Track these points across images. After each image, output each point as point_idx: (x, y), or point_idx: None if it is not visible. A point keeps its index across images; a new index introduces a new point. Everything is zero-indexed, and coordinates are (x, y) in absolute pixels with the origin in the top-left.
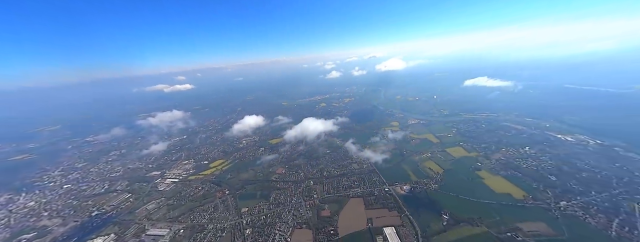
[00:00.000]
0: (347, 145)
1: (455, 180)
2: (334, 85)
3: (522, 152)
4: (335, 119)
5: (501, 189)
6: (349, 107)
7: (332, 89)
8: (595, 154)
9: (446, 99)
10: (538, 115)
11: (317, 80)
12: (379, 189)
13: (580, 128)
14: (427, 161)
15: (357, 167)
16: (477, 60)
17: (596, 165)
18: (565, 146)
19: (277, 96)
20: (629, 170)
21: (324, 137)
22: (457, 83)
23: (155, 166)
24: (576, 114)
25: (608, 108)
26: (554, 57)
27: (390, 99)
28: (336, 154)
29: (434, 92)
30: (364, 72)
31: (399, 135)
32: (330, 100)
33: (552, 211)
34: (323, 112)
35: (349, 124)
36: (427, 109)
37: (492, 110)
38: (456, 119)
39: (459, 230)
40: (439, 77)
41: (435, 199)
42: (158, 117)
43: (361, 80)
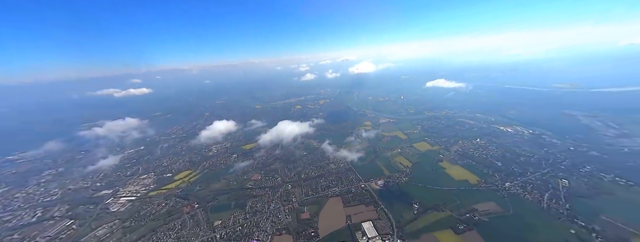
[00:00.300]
0: (323, 146)
1: (422, 172)
2: (309, 88)
3: (475, 143)
4: (311, 121)
5: (459, 177)
6: (324, 108)
7: (307, 91)
8: (529, 141)
9: (412, 99)
10: (485, 111)
11: (292, 82)
12: (356, 186)
13: (517, 121)
14: (397, 156)
15: (334, 167)
16: (436, 64)
17: (530, 150)
18: (506, 136)
19: (250, 99)
20: (553, 153)
21: (300, 139)
22: (420, 84)
23: (105, 184)
24: (514, 109)
25: (536, 103)
26: (495, 62)
27: (363, 100)
28: (313, 156)
29: (401, 92)
30: (338, 74)
31: (371, 134)
32: (305, 102)
33: (500, 191)
34: (299, 114)
35: (325, 126)
36: (395, 109)
37: (449, 108)
38: (420, 116)
39: (427, 217)
40: (405, 79)
41: (406, 190)
42: (106, 126)
43: (335, 83)
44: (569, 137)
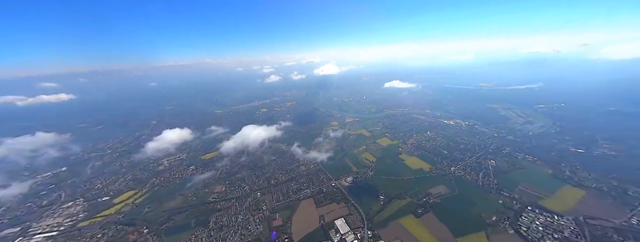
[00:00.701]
0: (293, 149)
1: (385, 165)
2: (274, 89)
3: (426, 135)
4: (278, 124)
5: (416, 166)
6: (292, 110)
7: (273, 93)
8: (466, 131)
9: (373, 99)
10: (432, 108)
11: (256, 84)
12: (327, 185)
13: (457, 114)
14: (363, 152)
15: (305, 169)
16: (392, 67)
17: (467, 139)
18: (449, 128)
19: (208, 103)
20: (483, 140)
21: (268, 144)
22: (379, 85)
23: (9, 221)
24: (453, 105)
25: (468, 99)
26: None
27: (329, 100)
28: (283, 160)
29: (363, 93)
30: (303, 76)
31: (339, 133)
32: (271, 105)
33: (447, 175)
34: (265, 117)
35: (293, 128)
36: (359, 108)
37: (404, 106)
38: (381, 115)
39: (392, 205)
40: (366, 80)
41: (373, 184)
42: (6, 145)
43: (301, 84)
44: (493, 125)
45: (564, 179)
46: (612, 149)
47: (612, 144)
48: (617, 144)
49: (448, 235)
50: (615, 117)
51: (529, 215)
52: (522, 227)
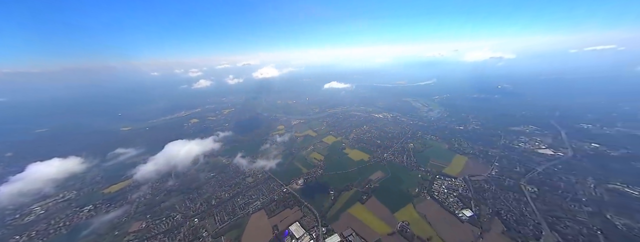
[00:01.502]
0: (236, 161)
1: (332, 161)
2: (206, 96)
3: (363, 129)
4: (215, 135)
5: (357, 158)
6: (231, 118)
7: (205, 101)
8: (392, 122)
9: (316, 100)
10: (365, 104)
11: (180, 91)
12: (278, 192)
13: (384, 109)
14: (312, 153)
15: (252, 180)
16: (330, 68)
17: (394, 128)
18: (380, 120)
19: (110, 119)
20: (404, 127)
21: (203, 160)
22: (320, 86)
23: None
24: (380, 100)
25: (390, 95)
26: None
27: (272, 104)
28: (224, 175)
29: (306, 94)
30: (241, 80)
31: (286, 137)
32: (204, 114)
33: (382, 161)
34: (196, 129)
35: (234, 137)
36: (304, 110)
37: (343, 104)
38: (324, 114)
39: (341, 198)
40: (308, 82)
41: (323, 181)
42: None
43: (239, 89)
44: (409, 115)
45: (455, 150)
46: (477, 124)
47: (477, 121)
48: (479, 121)
49: (387, 213)
50: (476, 102)
51: (437, 182)
52: (435, 193)
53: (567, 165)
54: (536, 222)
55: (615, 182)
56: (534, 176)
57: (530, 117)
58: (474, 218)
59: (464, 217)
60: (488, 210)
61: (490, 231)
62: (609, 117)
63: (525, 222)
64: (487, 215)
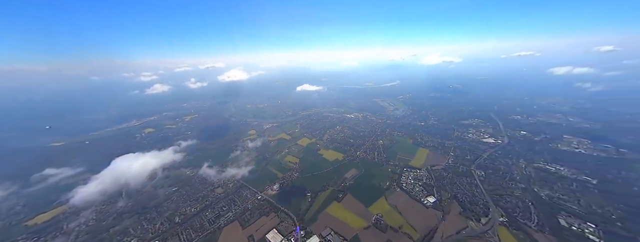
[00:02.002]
0: (202, 171)
1: (308, 163)
2: (164, 102)
3: (336, 129)
4: (175, 145)
5: (332, 158)
6: (195, 125)
7: (162, 107)
8: (363, 121)
9: (288, 102)
10: (337, 105)
11: (130, 97)
12: (252, 200)
13: (355, 109)
14: (286, 156)
15: (222, 191)
16: (301, 71)
17: (365, 127)
18: (352, 120)
19: (34, 134)
20: (374, 126)
21: (162, 174)
22: (292, 89)
23: None
24: (351, 101)
25: (360, 95)
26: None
27: (242, 108)
28: (189, 188)
29: (278, 98)
30: (205, 83)
31: (258, 142)
32: (161, 122)
33: (356, 159)
34: (152, 140)
35: (199, 146)
36: (276, 113)
37: (316, 106)
38: (298, 117)
39: (318, 199)
40: (279, 85)
41: (299, 184)
42: None
43: (203, 93)
44: (378, 114)
45: (418, 144)
46: (435, 120)
47: (435, 117)
48: (437, 117)
49: (362, 208)
50: (433, 100)
51: (405, 174)
52: (403, 184)
53: (504, 150)
54: (484, 201)
55: (539, 161)
56: (481, 161)
57: (475, 112)
58: (437, 203)
59: (428, 203)
60: (447, 195)
61: (450, 213)
62: (531, 109)
63: (476, 202)
64: (447, 199)
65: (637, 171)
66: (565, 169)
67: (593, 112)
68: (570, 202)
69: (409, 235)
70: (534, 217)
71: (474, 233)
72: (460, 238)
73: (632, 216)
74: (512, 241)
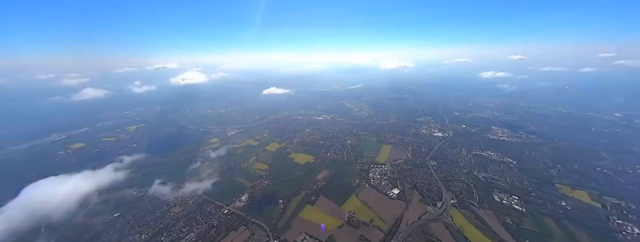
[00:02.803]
0: (153, 190)
1: (278, 169)
2: (98, 110)
3: (306, 132)
4: (116, 162)
5: (303, 161)
6: (141, 136)
7: (95, 117)
8: (331, 123)
9: (254, 106)
10: (306, 108)
11: (49, 105)
12: (218, 216)
13: (323, 111)
14: (255, 163)
15: (181, 210)
16: (267, 74)
17: (333, 128)
18: (321, 122)
19: None
20: (342, 127)
21: (98, 198)
22: (258, 92)
23: None
24: (319, 103)
25: (327, 97)
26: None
27: (201, 114)
28: (137, 212)
29: (242, 101)
30: (153, 87)
31: (222, 150)
32: (94, 135)
33: (327, 160)
34: (82, 158)
35: (148, 161)
36: (241, 118)
37: (285, 109)
38: (265, 121)
39: (291, 205)
40: (244, 88)
41: (271, 192)
42: None
43: (153, 98)
44: (345, 115)
45: (382, 141)
46: (395, 119)
47: (395, 116)
48: (396, 116)
49: (335, 208)
50: (393, 101)
51: (372, 170)
52: (371, 180)
53: (451, 142)
54: (438, 187)
55: (476, 149)
56: (433, 153)
57: (427, 110)
58: (401, 194)
59: (394, 195)
60: (409, 185)
61: (412, 201)
62: (468, 106)
63: (432, 189)
64: (409, 189)
65: (541, 151)
66: (494, 154)
67: (510, 107)
68: (500, 180)
69: (379, 227)
70: (476, 196)
71: (432, 217)
72: (421, 223)
73: (541, 186)
74: (461, 218)
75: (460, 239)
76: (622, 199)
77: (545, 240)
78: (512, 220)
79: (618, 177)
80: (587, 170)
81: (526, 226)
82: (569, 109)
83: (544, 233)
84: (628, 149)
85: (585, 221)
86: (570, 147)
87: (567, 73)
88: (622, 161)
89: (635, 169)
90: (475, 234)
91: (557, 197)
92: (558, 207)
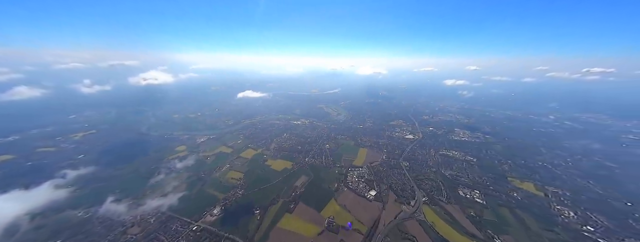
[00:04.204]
0: (105, 209)
1: (254, 177)
2: (32, 114)
3: (284, 137)
4: (57, 177)
5: (281, 167)
6: (90, 146)
7: (28, 122)
8: (309, 127)
9: (228, 110)
10: (284, 112)
11: None
12: (186, 233)
13: (301, 115)
14: (228, 172)
15: (140, 230)
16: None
17: (311, 133)
18: (299, 127)
19: None
20: (320, 131)
21: (30, 223)
22: (232, 95)
23: None
24: (298, 108)
25: (305, 101)
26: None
27: (166, 119)
28: (83, 236)
29: (214, 105)
30: (107, 87)
31: (190, 160)
32: (26, 144)
33: (305, 166)
34: (10, 174)
35: (98, 175)
36: (213, 123)
37: (261, 114)
38: (240, 126)
39: (269, 214)
40: (217, 90)
41: (246, 202)
42: None
43: (106, 100)
44: (324, 120)
45: (359, 145)
46: (371, 122)
47: (370, 119)
48: (372, 119)
49: (315, 214)
50: (369, 105)
51: (350, 173)
52: (349, 183)
53: (420, 143)
54: (411, 186)
55: (442, 149)
56: (406, 154)
57: (399, 114)
58: (378, 195)
59: (371, 197)
60: (384, 186)
61: (388, 202)
62: (435, 110)
63: (405, 189)
64: (385, 190)
65: (495, 149)
66: (458, 153)
67: (469, 111)
68: (463, 177)
69: (359, 230)
70: (444, 193)
71: (407, 215)
72: (397, 222)
73: (497, 180)
74: (432, 215)
75: (432, 234)
76: (559, 187)
77: (503, 228)
78: (475, 212)
79: (555, 169)
80: (532, 164)
81: (487, 216)
82: (515, 113)
83: (501, 222)
84: (560, 146)
85: (532, 208)
86: (517, 145)
87: (513, 82)
88: (558, 156)
89: (567, 162)
90: (445, 229)
91: (510, 189)
92: (511, 198)
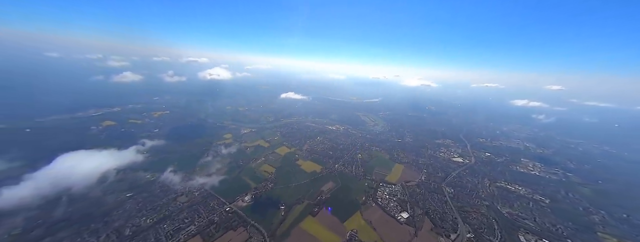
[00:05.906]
0: (164, 177)
1: (284, 173)
2: (131, 93)
3: (317, 140)
4: (139, 144)
5: (310, 169)
6: (164, 123)
7: (127, 99)
8: (343, 134)
9: (270, 108)
10: (320, 116)
11: (92, 83)
12: (220, 212)
13: (337, 121)
14: (262, 165)
15: (186, 200)
16: (288, 78)
17: (345, 140)
18: (333, 132)
19: None
20: (354, 139)
21: (116, 176)
22: (276, 95)
23: None
24: (334, 113)
25: (343, 109)
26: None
27: (220, 110)
28: (147, 195)
29: (260, 102)
30: (183, 78)
31: (233, 148)
32: (124, 115)
33: (334, 172)
34: (110, 135)
35: (165, 148)
36: (256, 118)
37: (299, 115)
38: (278, 124)
39: (293, 213)
40: (265, 90)
41: (273, 195)
42: None
43: (180, 88)
44: (359, 128)
45: (394, 160)
46: (411, 137)
47: (411, 134)
48: (413, 135)
49: (337, 223)
50: (411, 119)
51: (381, 189)
52: (379, 199)
53: (471, 169)
54: (454, 217)
55: (501, 181)
56: (451, 179)
57: (447, 133)
58: (410, 219)
59: (402, 219)
60: (420, 211)
61: (422, 229)
62: (495, 134)
63: (446, 218)
64: (419, 215)
65: (581, 192)
66: (523, 189)
67: (545, 140)
68: (528, 219)
69: None
70: (498, 234)
71: None
72: None
73: (578, 233)
74: None
75: None
76: None
77: None
78: None
79: None
80: (638, 221)
81: None
82: (619, 150)
83: None
84: None
85: None
86: (618, 191)
87: (619, 110)
88: None
89: None
90: None
91: None
92: None
